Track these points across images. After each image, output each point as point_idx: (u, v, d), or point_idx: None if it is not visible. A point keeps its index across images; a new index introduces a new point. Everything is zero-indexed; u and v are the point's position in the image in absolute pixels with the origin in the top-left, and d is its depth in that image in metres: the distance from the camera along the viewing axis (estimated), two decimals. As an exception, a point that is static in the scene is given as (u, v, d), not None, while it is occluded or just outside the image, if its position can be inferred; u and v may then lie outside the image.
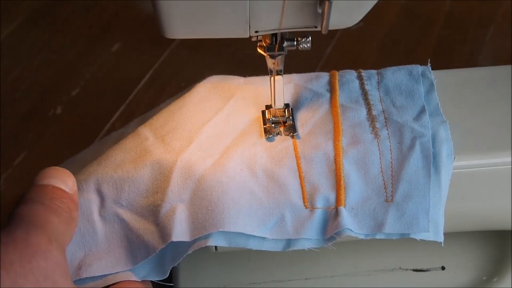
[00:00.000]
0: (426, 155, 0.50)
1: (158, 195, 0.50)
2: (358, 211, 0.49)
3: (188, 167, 0.50)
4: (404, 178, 0.49)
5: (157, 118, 0.55)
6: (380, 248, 0.63)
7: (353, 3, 0.47)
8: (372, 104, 0.54)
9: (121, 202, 0.50)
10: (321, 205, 0.49)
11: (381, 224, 0.48)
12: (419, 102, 0.53)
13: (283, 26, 0.47)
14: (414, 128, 0.52)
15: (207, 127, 0.53)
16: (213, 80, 0.57)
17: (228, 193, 0.48)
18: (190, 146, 0.51)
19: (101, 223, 0.50)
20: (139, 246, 0.49)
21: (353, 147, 0.51)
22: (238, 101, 0.55)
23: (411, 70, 0.56)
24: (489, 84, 0.57)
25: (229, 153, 0.51)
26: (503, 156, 0.52)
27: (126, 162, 0.52)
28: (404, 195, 0.49)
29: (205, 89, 0.56)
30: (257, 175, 0.50)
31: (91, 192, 0.51)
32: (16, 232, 0.41)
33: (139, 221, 0.49)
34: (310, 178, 0.50)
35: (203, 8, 0.45)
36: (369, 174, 0.50)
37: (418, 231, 0.48)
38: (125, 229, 0.50)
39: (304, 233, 0.48)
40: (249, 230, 0.47)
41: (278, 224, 0.48)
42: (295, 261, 0.63)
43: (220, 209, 0.48)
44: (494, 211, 0.56)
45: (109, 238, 0.49)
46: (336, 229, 0.47)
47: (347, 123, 0.53)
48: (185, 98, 0.55)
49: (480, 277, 0.63)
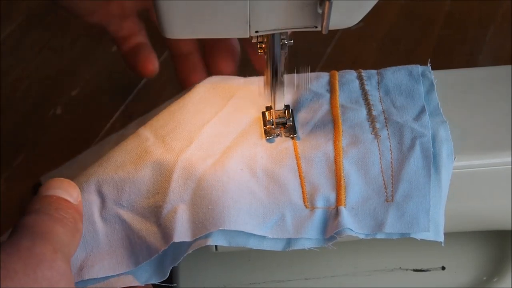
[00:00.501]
0: (426, 155, 0.50)
1: (159, 195, 0.50)
2: (359, 211, 0.49)
3: (189, 167, 0.50)
4: (404, 178, 0.49)
5: (157, 119, 0.55)
6: (380, 248, 0.63)
7: (353, 3, 0.47)
8: (372, 104, 0.54)
9: (122, 203, 0.50)
10: (321, 205, 0.49)
11: (381, 224, 0.48)
12: (419, 102, 0.53)
13: (283, 26, 0.47)
14: (414, 128, 0.52)
15: (207, 127, 0.53)
16: (213, 80, 0.57)
17: (228, 192, 0.48)
18: (190, 146, 0.51)
19: (102, 224, 0.50)
20: (141, 247, 0.49)
21: (353, 147, 0.51)
22: (238, 101, 0.55)
23: (411, 70, 0.56)
24: (489, 84, 0.57)
25: (229, 153, 0.51)
26: (503, 156, 0.52)
27: (126, 163, 0.52)
28: (404, 195, 0.49)
29: (205, 90, 0.56)
30: (257, 175, 0.50)
31: (92, 193, 0.51)
32: (20, 242, 0.41)
33: (140, 221, 0.49)
34: (310, 178, 0.50)
35: (203, 8, 0.45)
36: (369, 174, 0.50)
37: (418, 231, 0.48)
38: (127, 229, 0.50)
39: (304, 233, 0.48)
40: (249, 228, 0.47)
41: (278, 224, 0.48)
42: (295, 261, 0.63)
43: (220, 208, 0.48)
44: (494, 211, 0.56)
45: (110, 239, 0.49)
46: (336, 229, 0.47)
47: (347, 124, 0.53)
48: (185, 99, 0.55)
49: (480, 277, 0.63)
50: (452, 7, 0.90)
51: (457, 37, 0.86)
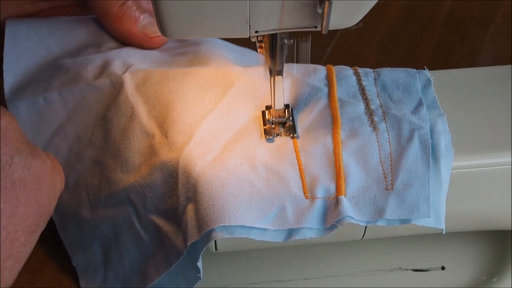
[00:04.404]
0: (425, 146, 0.51)
1: (173, 198, 0.51)
2: (359, 200, 0.49)
3: (189, 164, 0.51)
4: (404, 167, 0.50)
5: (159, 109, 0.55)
6: (380, 248, 0.63)
7: (353, 3, 0.47)
8: (370, 99, 0.54)
9: (150, 208, 0.52)
10: (321, 195, 0.50)
11: (381, 211, 0.48)
12: (416, 96, 0.54)
13: (283, 26, 0.47)
14: (412, 120, 0.52)
15: (207, 120, 0.53)
16: (212, 65, 0.57)
17: (227, 187, 0.49)
18: (190, 142, 0.52)
19: (143, 231, 0.53)
20: (171, 248, 0.51)
21: (352, 140, 0.52)
22: (238, 92, 0.55)
23: (407, 69, 0.56)
24: (489, 84, 0.57)
25: (229, 148, 0.52)
26: (503, 156, 0.53)
27: (141, 166, 0.53)
28: (404, 183, 0.49)
29: (204, 78, 0.56)
30: (257, 168, 0.51)
31: (126, 204, 0.53)
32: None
33: (166, 224, 0.51)
34: (310, 170, 0.51)
35: (203, 8, 0.45)
36: (368, 164, 0.51)
37: (419, 217, 0.48)
38: (160, 232, 0.52)
39: (305, 222, 0.48)
40: (250, 222, 0.48)
41: (279, 215, 0.49)
42: (295, 261, 0.63)
43: (220, 203, 0.48)
44: (494, 211, 0.56)
45: (153, 243, 0.52)
46: (337, 217, 0.48)
47: (346, 117, 0.53)
48: (183, 87, 0.55)
49: (480, 277, 0.63)
50: (452, 7, 0.90)
51: (457, 37, 0.86)
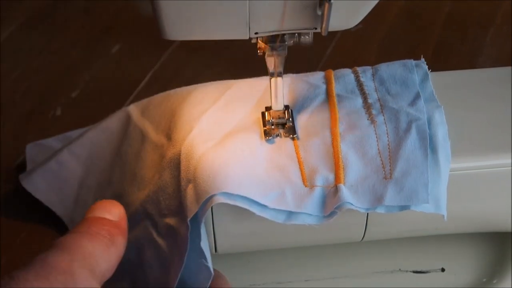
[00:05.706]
0: (423, 136, 0.51)
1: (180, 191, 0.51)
2: (358, 188, 0.49)
3: (190, 150, 0.51)
4: (402, 157, 0.50)
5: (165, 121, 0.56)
6: (380, 250, 0.63)
7: (353, 4, 0.47)
8: (367, 93, 0.55)
9: (164, 212, 0.52)
10: (320, 184, 0.50)
11: (380, 198, 0.49)
12: (414, 89, 0.55)
13: (283, 28, 0.47)
14: (409, 112, 0.53)
15: (206, 115, 0.54)
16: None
17: (229, 165, 0.49)
18: (190, 133, 0.53)
19: (162, 239, 0.52)
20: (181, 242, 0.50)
21: (350, 132, 0.52)
22: (235, 91, 0.56)
23: (404, 63, 0.57)
24: (489, 85, 0.57)
25: (230, 137, 0.52)
26: (503, 157, 0.52)
27: (155, 175, 0.54)
28: (402, 172, 0.50)
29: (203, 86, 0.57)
30: (257, 158, 0.51)
31: (144, 218, 0.54)
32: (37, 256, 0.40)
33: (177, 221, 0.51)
34: (309, 161, 0.51)
35: (202, 9, 0.45)
36: (367, 155, 0.51)
37: (418, 203, 0.48)
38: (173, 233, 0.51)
39: (305, 208, 0.48)
40: (252, 195, 0.48)
41: (278, 197, 0.49)
42: (295, 263, 0.63)
43: (222, 175, 0.49)
44: (494, 212, 0.56)
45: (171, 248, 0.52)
46: (336, 203, 0.48)
47: (344, 111, 0.54)
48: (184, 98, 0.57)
49: (480, 278, 0.63)
50: (452, 8, 0.90)
51: (457, 38, 0.86)
